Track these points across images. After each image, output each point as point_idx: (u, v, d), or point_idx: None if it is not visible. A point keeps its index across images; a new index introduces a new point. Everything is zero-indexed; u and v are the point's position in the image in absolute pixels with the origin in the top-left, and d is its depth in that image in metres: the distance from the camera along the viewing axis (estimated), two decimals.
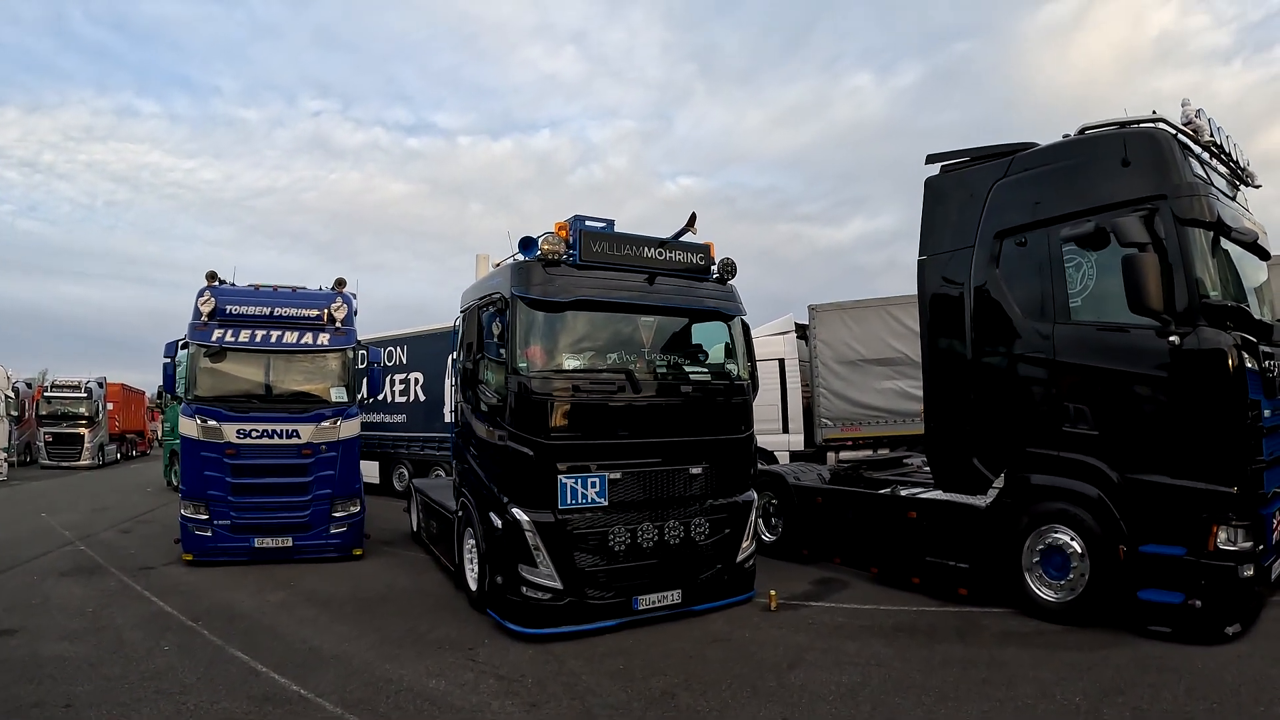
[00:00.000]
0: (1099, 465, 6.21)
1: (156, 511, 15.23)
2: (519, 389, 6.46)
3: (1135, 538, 5.95)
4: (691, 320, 7.62)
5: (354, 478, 10.32)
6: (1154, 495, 5.88)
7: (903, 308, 14.25)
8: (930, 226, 7.65)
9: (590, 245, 6.89)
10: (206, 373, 9.85)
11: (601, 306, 6.88)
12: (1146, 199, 5.98)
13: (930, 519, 7.49)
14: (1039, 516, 6.57)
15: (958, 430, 7.29)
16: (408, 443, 17.02)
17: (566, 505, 6.37)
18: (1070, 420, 6.42)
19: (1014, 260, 6.92)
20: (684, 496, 6.91)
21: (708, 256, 7.59)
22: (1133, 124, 6.36)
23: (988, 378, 7.05)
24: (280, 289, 10.60)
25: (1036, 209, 6.75)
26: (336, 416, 10.11)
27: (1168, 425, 5.85)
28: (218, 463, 9.56)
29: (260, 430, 9.71)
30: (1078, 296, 6.50)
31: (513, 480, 6.53)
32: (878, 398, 14.40)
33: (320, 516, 9.91)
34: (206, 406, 9.65)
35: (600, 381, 6.71)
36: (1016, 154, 7.05)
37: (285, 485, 9.79)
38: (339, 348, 10.38)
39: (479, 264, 15.21)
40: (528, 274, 6.69)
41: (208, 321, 9.88)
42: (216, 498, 9.56)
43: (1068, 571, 6.36)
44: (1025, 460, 6.74)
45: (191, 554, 9.58)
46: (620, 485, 6.57)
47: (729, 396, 7.37)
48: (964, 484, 7.23)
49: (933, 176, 7.73)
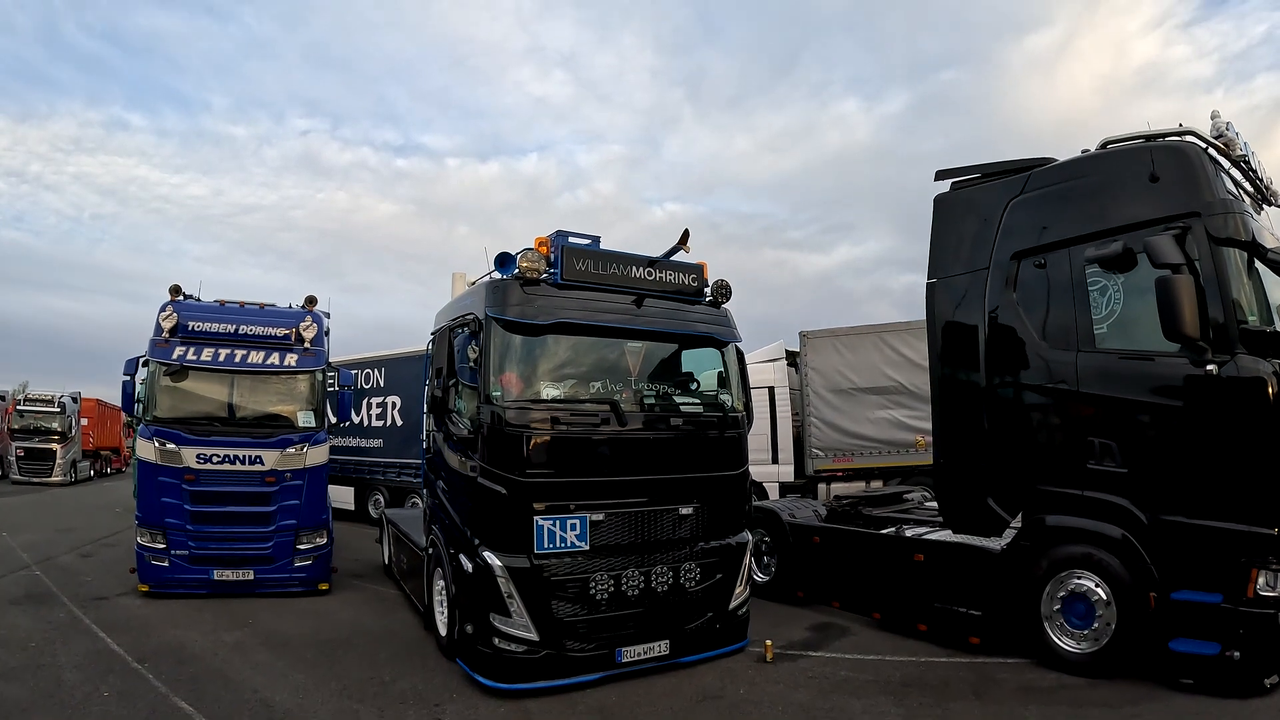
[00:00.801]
0: (1127, 505, 5.70)
1: (122, 534, 14.55)
2: (492, 420, 5.88)
3: (1166, 584, 5.45)
4: (682, 346, 7.08)
5: (321, 508, 9.68)
6: (1187, 538, 5.39)
7: (898, 335, 14.01)
8: (940, 247, 7.15)
9: (573, 263, 6.35)
10: (166, 392, 9.27)
11: (584, 330, 6.33)
12: (1177, 217, 5.53)
13: (939, 562, 6.96)
14: (1060, 561, 6.04)
15: (971, 467, 6.76)
16: (384, 469, 16.41)
17: (543, 549, 5.77)
18: (1095, 457, 5.91)
19: (1032, 283, 6.44)
20: (673, 539, 6.33)
21: (701, 278, 7.06)
22: (1159, 137, 5.93)
23: (1004, 410, 6.55)
24: (247, 305, 10.02)
25: (1056, 228, 6.28)
26: (303, 442, 9.50)
27: (1203, 462, 5.36)
28: (176, 489, 8.97)
29: (222, 455, 9.11)
30: (1103, 322, 6.01)
31: (484, 520, 5.94)
32: (871, 428, 14.00)
33: (284, 548, 9.29)
34: (165, 428, 9.07)
35: (582, 413, 6.14)
36: (1033, 170, 6.59)
37: (247, 515, 9.18)
38: (307, 369, 9.78)
39: (455, 283, 14.62)
40: (504, 293, 6.13)
41: (169, 338, 9.30)
42: (174, 526, 8.96)
43: (1091, 620, 5.83)
44: (1045, 500, 6.22)
45: (147, 585, 9.00)
46: (603, 527, 5.98)
47: (722, 430, 6.81)
48: (977, 525, 6.71)
49: (942, 194, 7.24)
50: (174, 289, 9.67)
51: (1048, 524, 6.18)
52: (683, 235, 6.72)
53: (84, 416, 30.63)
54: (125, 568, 9.86)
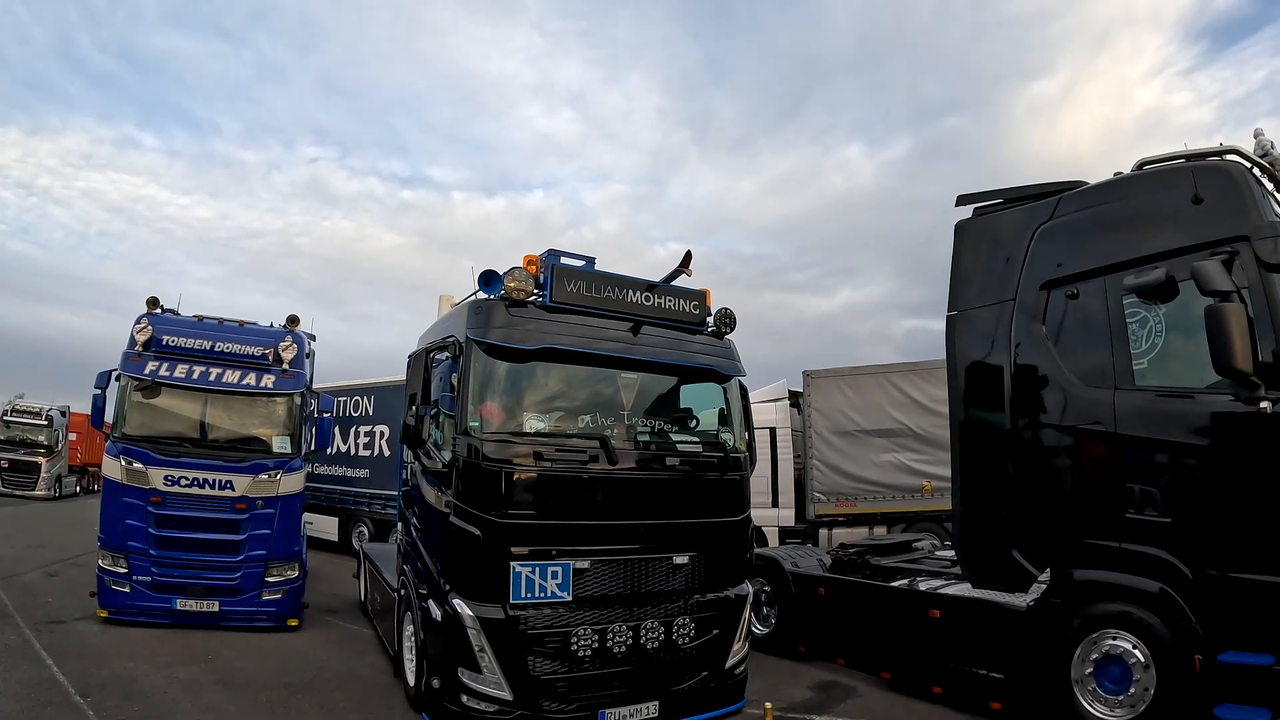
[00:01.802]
0: (1170, 559, 5.13)
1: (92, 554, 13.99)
2: (468, 453, 5.33)
3: (1212, 644, 4.89)
4: (681, 380, 6.54)
5: (293, 539, 9.13)
6: (1236, 594, 4.84)
7: (904, 376, 13.58)
8: (961, 278, 6.64)
9: (565, 284, 5.83)
10: (136, 408, 8.83)
11: (574, 358, 5.78)
12: (1224, 241, 5.03)
13: (958, 619, 6.38)
14: (1094, 620, 5.46)
15: (994, 516, 6.17)
16: (369, 500, 15.72)
17: (520, 599, 5.18)
18: (1135, 505, 5.34)
19: (1063, 315, 5.90)
20: (666, 590, 5.73)
21: (703, 305, 6.55)
22: (1199, 156, 5.48)
23: (1032, 455, 5.98)
24: (226, 322, 9.55)
25: (1090, 256, 5.77)
26: (277, 469, 8.97)
27: (1255, 509, 4.81)
28: (141, 511, 8.49)
29: (190, 478, 8.61)
30: (1143, 357, 5.46)
31: (456, 563, 5.37)
32: (875, 471, 13.45)
33: (252, 580, 8.72)
34: (133, 446, 8.61)
35: (569, 449, 5.58)
36: (1063, 194, 6.10)
37: (214, 542, 8.64)
38: (285, 391, 9.28)
39: (441, 305, 14.09)
40: (487, 315, 5.61)
41: (142, 352, 8.84)
42: (137, 550, 8.47)
43: (1128, 685, 5.23)
44: (1078, 553, 5.64)
45: (107, 610, 8.49)
46: (588, 576, 5.39)
47: (723, 471, 6.24)
48: (1000, 580, 6.12)
49: (964, 220, 6.74)
50: (151, 301, 9.23)
51: (1081, 579, 5.60)
52: (684, 257, 6.19)
53: (72, 431, 30.03)
54: (88, 590, 9.36)
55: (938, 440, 12.84)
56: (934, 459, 12.87)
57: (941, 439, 12.79)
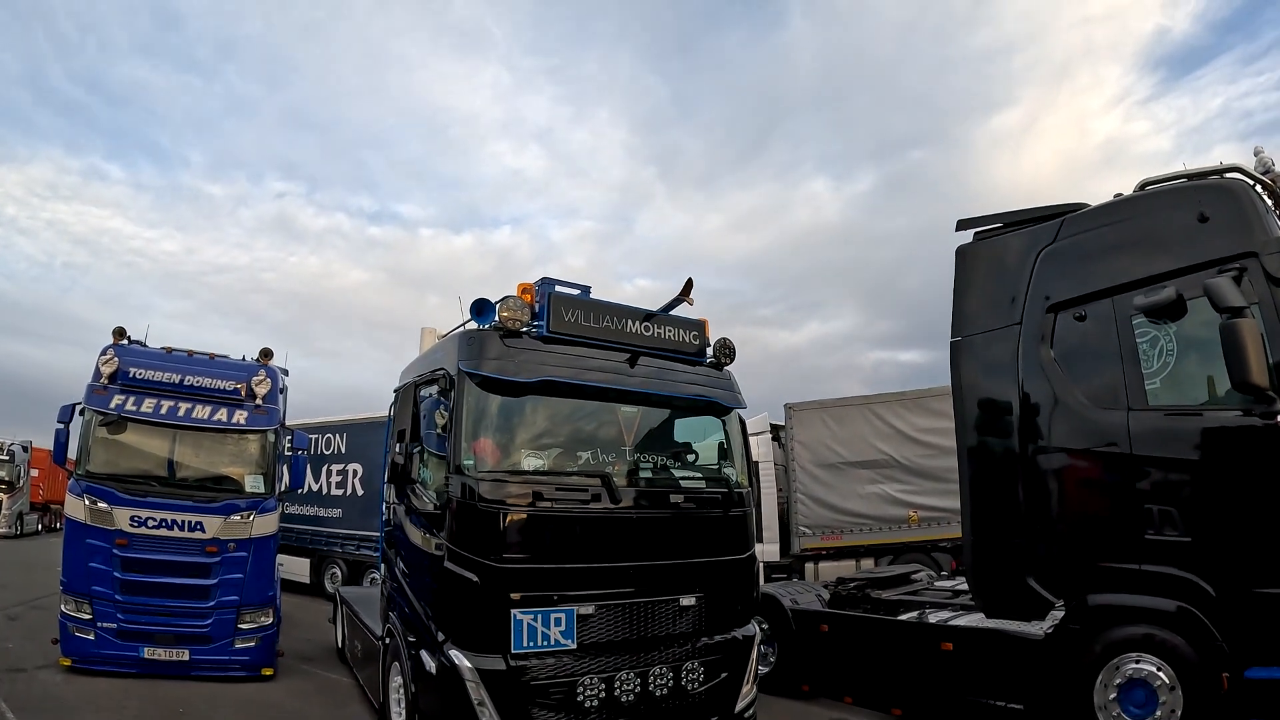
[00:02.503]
0: (1192, 578, 5.03)
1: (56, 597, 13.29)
2: (463, 493, 5.01)
3: (1239, 662, 4.80)
4: (682, 412, 6.29)
5: (267, 583, 8.68)
6: (1262, 608, 4.76)
7: (887, 406, 13.43)
8: (964, 303, 6.53)
9: (562, 314, 5.58)
10: (101, 445, 8.37)
11: (573, 391, 5.50)
12: (1233, 258, 5.04)
13: (972, 651, 6.20)
14: (1116, 644, 5.32)
15: (1007, 545, 6.01)
16: (342, 540, 15.21)
17: (522, 648, 4.83)
18: (1154, 526, 5.23)
19: (1072, 338, 5.82)
20: (672, 634, 5.43)
21: (703, 335, 6.33)
22: (1201, 176, 5.51)
23: (1045, 480, 5.85)
24: (196, 355, 9.10)
25: (1097, 277, 5.71)
26: (250, 509, 8.53)
27: (1276, 523, 4.75)
28: (105, 553, 8.00)
29: (158, 519, 8.14)
30: (1155, 377, 5.39)
31: (451, 611, 5.02)
32: (861, 503, 13.21)
33: (224, 627, 8.24)
34: (98, 485, 8.14)
35: (569, 487, 5.29)
36: (1066, 216, 6.04)
37: (184, 587, 8.17)
38: (258, 428, 8.88)
39: (424, 338, 13.70)
40: (480, 346, 5.32)
41: (107, 385, 8.39)
42: (102, 595, 7.98)
43: (1154, 708, 5.09)
44: (1097, 577, 5.51)
45: (70, 659, 7.99)
46: (593, 622, 5.07)
47: (727, 508, 5.97)
48: (1016, 609, 5.96)
49: (965, 245, 6.66)
50: (117, 331, 8.78)
51: (1101, 604, 5.47)
52: (685, 285, 5.94)
53: (34, 467, 28.95)
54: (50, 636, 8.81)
55: (923, 470, 12.71)
56: (920, 489, 12.74)
57: (927, 469, 12.78)
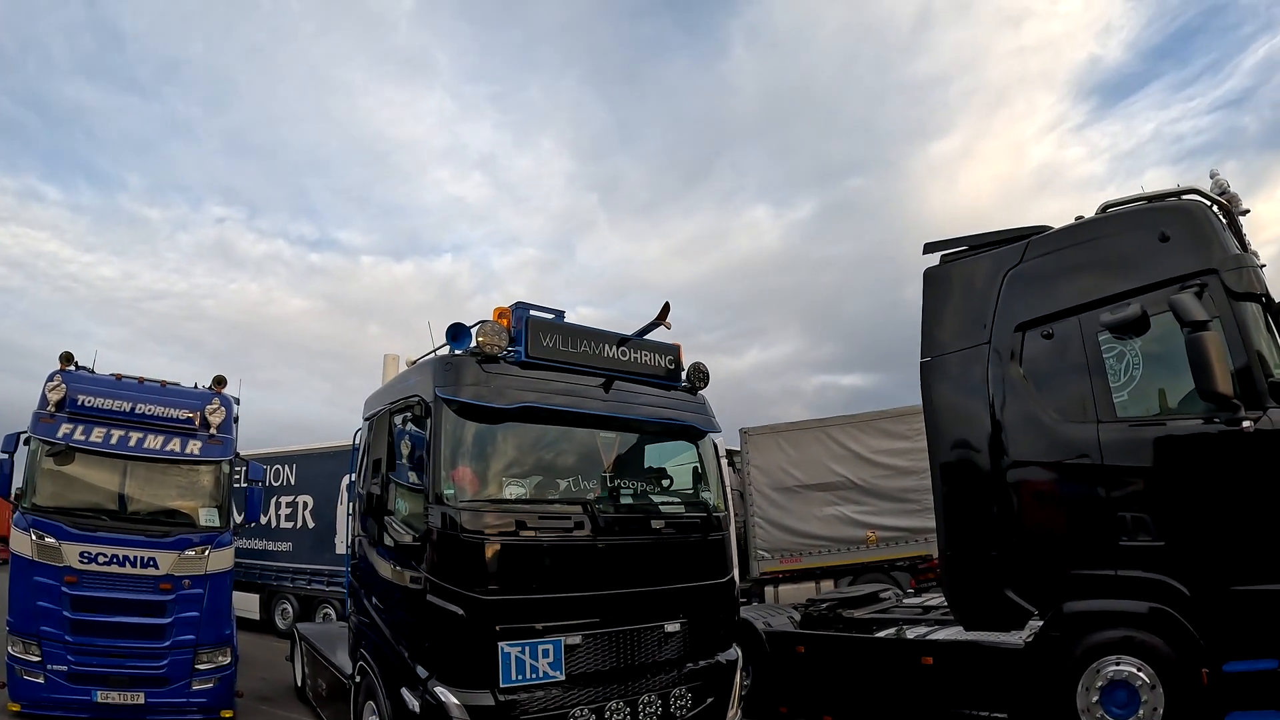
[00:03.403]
0: (1167, 580, 5.21)
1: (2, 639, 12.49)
2: (445, 524, 4.88)
3: (1216, 657, 4.97)
4: (659, 437, 6.28)
5: (224, 621, 8.30)
6: (1235, 605, 4.96)
7: (841, 429, 13.53)
8: (933, 324, 6.69)
9: (540, 339, 5.52)
10: (48, 476, 7.91)
11: (555, 417, 5.44)
12: (1194, 275, 5.28)
13: (953, 664, 6.26)
14: (1095, 648, 5.45)
15: (984, 558, 6.11)
16: (293, 575, 14.73)
17: (510, 682, 4.71)
18: (1128, 532, 5.41)
19: (1040, 355, 6.00)
20: (658, 661, 5.39)
21: (678, 360, 6.35)
22: (1159, 198, 5.75)
23: (1019, 493, 5.99)
24: (147, 382, 8.71)
25: (1063, 296, 5.91)
26: (205, 544, 8.17)
27: (1245, 522, 4.97)
28: (54, 592, 7.54)
29: (109, 555, 7.71)
30: (1122, 390, 5.60)
31: (435, 647, 4.87)
32: (818, 525, 13.26)
33: (181, 668, 7.84)
34: (45, 519, 7.67)
35: (552, 515, 5.21)
36: (1031, 238, 6.24)
37: (138, 627, 7.76)
38: (213, 459, 8.55)
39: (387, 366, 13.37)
40: (457, 372, 5.23)
41: (55, 413, 7.96)
42: (51, 635, 7.49)
43: (1136, 707, 5.23)
44: (1074, 585, 5.64)
45: (19, 704, 7.48)
46: (580, 652, 4.98)
47: (706, 532, 5.97)
48: (995, 620, 6.06)
49: (932, 268, 6.83)
50: (65, 356, 8.35)
51: (1079, 610, 5.59)
52: (663, 309, 5.91)
53: None
54: None
55: (879, 491, 12.84)
56: (877, 510, 12.85)
57: (883, 490, 12.88)
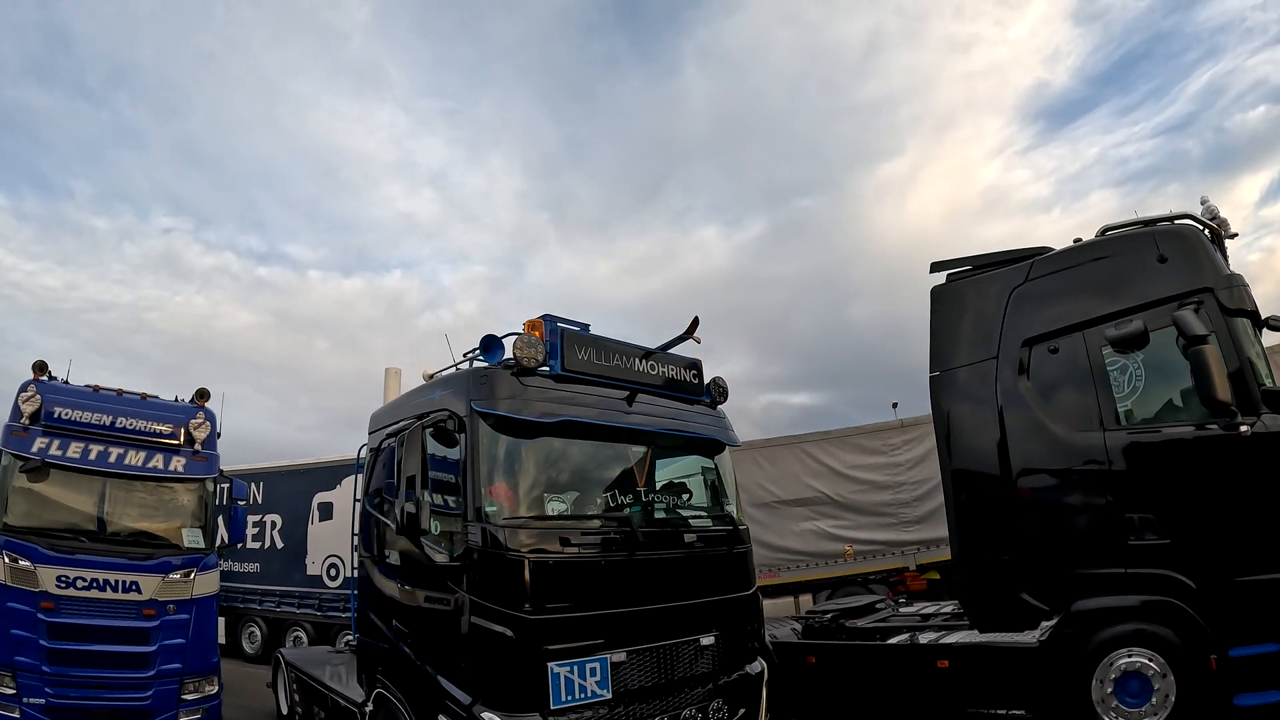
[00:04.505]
0: (1175, 575, 5.58)
1: None
2: (487, 542, 4.80)
3: (1223, 644, 5.36)
4: (682, 451, 6.32)
5: (211, 649, 7.92)
6: (1238, 595, 5.36)
7: (817, 445, 13.70)
8: (941, 339, 7.01)
9: (575, 352, 5.50)
10: (21, 495, 7.39)
11: (592, 431, 5.41)
12: (1191, 293, 5.73)
13: (969, 666, 6.45)
14: (1108, 642, 5.77)
15: (997, 563, 6.42)
16: (260, 597, 14.33)
17: (560, 704, 4.62)
18: (1136, 532, 5.77)
19: (1046, 368, 6.36)
20: (695, 675, 5.39)
21: (700, 374, 6.43)
22: (1155, 222, 6.19)
23: (1030, 499, 6.32)
24: (126, 394, 8.28)
25: (1068, 313, 6.27)
26: (190, 567, 7.78)
27: (1243, 518, 5.40)
28: (30, 619, 7.00)
29: (89, 579, 7.24)
30: (1126, 400, 6.00)
31: (479, 670, 4.74)
32: (796, 540, 13.37)
33: (167, 699, 7.40)
34: (18, 540, 7.15)
35: (594, 532, 5.19)
36: (1035, 259, 6.61)
37: (120, 656, 7.28)
38: (198, 476, 8.19)
39: (389, 379, 13.02)
40: (493, 385, 5.15)
41: (29, 426, 7.47)
42: (27, 666, 6.94)
43: (1148, 695, 5.57)
44: (1087, 584, 5.97)
45: None
46: (624, 669, 4.93)
47: (732, 545, 6.06)
48: (1009, 621, 6.34)
49: (939, 286, 7.17)
50: (38, 366, 7.87)
51: (1091, 608, 5.91)
52: (691, 324, 5.95)
53: None
54: None
55: (856, 506, 13.05)
56: (854, 524, 13.04)
57: (860, 504, 13.06)
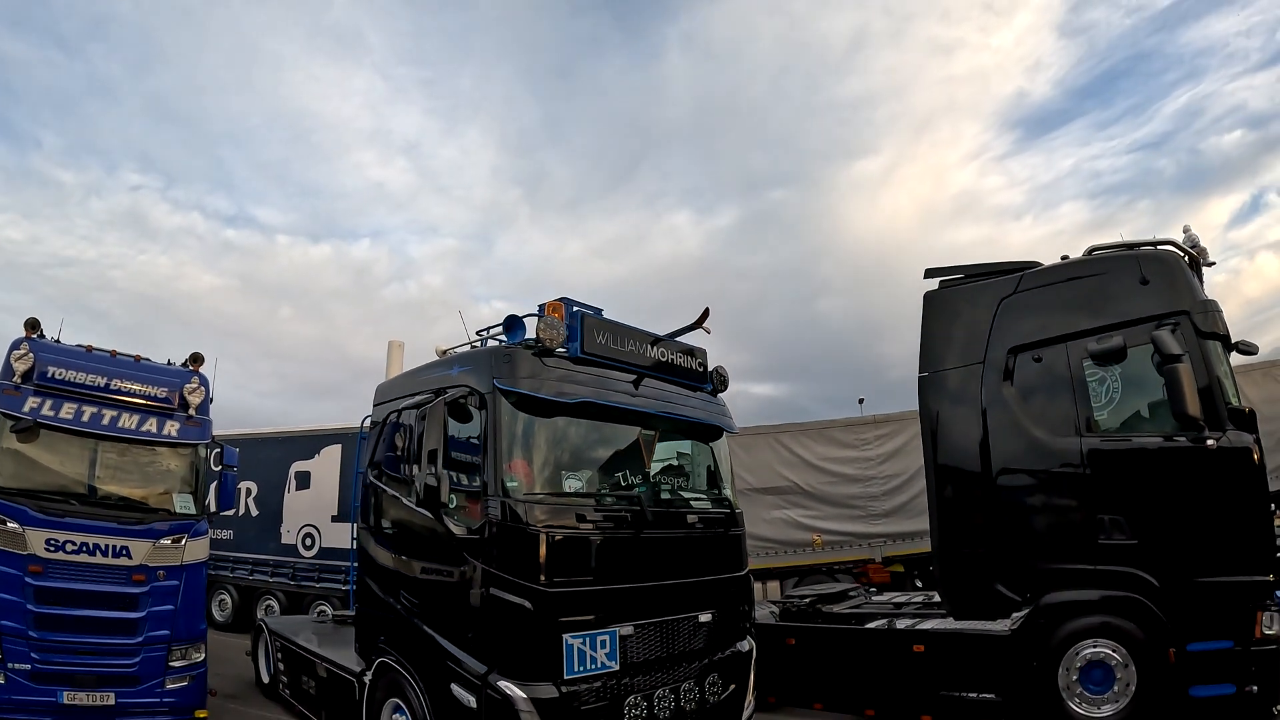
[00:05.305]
0: (1139, 573, 6.05)
1: None
2: (508, 517, 4.98)
3: (1181, 638, 5.82)
4: (687, 435, 6.55)
5: (199, 616, 7.88)
6: (1197, 594, 5.83)
7: (791, 435, 14.04)
8: (931, 342, 7.41)
9: (594, 335, 5.68)
10: (10, 455, 7.21)
11: (606, 413, 5.62)
12: (1169, 314, 6.15)
13: (943, 651, 6.88)
14: (1075, 633, 6.23)
15: (974, 555, 6.85)
16: (233, 564, 14.22)
17: (573, 674, 4.83)
18: (1106, 532, 6.23)
19: (1030, 375, 6.79)
20: (693, 650, 5.66)
21: (705, 362, 6.68)
22: (1138, 246, 6.62)
23: (1008, 497, 6.75)
24: (120, 355, 8.12)
25: (1053, 325, 6.69)
26: (181, 533, 7.68)
27: (1205, 524, 5.86)
28: (17, 583, 6.86)
29: (78, 543, 7.11)
30: (1103, 409, 6.46)
31: (495, 641, 4.92)
32: (767, 528, 13.66)
33: (154, 665, 7.33)
34: (7, 502, 7.00)
35: (608, 509, 5.42)
36: (1024, 271, 7.01)
37: (108, 622, 7.19)
38: (191, 441, 8.08)
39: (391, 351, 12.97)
40: (515, 363, 5.32)
41: (20, 385, 7.27)
42: (13, 631, 6.83)
43: (1111, 684, 6.05)
44: (1058, 578, 6.42)
45: None
46: (633, 642, 5.18)
47: (729, 527, 6.33)
48: (983, 611, 6.77)
49: (931, 291, 7.56)
50: (30, 323, 7.68)
51: (1061, 600, 6.35)
52: (703, 313, 6.21)
53: None
54: None
55: (826, 496, 13.46)
56: (823, 514, 13.45)
57: (829, 495, 13.47)
